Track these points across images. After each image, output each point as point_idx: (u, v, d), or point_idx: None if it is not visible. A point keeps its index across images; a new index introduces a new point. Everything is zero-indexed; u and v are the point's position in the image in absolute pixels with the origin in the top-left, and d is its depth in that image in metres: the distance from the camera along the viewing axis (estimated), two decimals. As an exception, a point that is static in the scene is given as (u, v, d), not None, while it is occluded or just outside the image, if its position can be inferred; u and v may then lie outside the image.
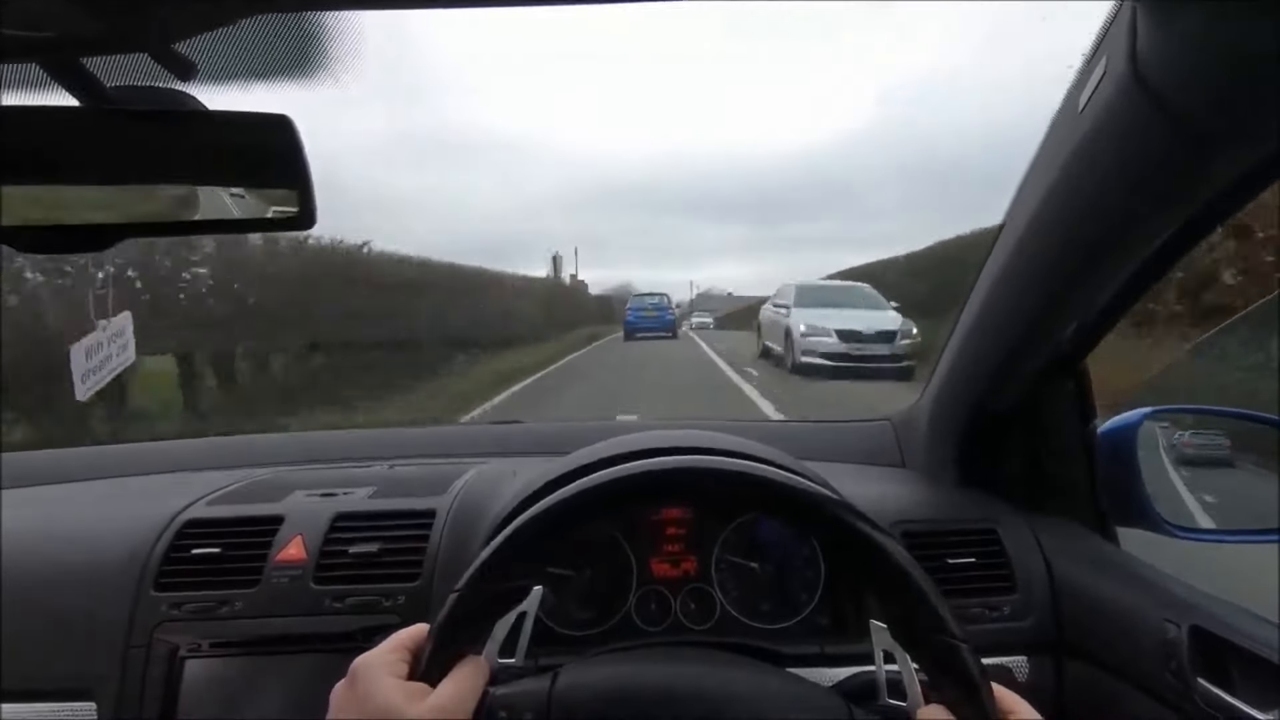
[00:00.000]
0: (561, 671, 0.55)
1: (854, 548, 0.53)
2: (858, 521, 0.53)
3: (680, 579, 0.91)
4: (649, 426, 1.19)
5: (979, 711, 0.48)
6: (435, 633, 0.51)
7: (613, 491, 0.55)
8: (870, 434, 1.26)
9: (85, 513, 1.03)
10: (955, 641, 0.50)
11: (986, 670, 0.49)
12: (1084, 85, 0.61)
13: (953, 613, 0.51)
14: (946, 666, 0.50)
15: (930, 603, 0.51)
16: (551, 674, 0.55)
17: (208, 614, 0.85)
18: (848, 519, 0.53)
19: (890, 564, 0.52)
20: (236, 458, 1.25)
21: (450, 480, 1.01)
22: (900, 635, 0.53)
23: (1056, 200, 0.70)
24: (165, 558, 0.89)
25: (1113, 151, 0.61)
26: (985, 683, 0.49)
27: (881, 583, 0.53)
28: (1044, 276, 0.78)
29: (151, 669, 0.82)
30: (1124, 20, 0.54)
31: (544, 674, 0.56)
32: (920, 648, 0.52)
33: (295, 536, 0.90)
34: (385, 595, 0.86)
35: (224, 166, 0.56)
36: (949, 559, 0.92)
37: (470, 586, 0.52)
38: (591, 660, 0.58)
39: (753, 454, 0.82)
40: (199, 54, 0.51)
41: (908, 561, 0.52)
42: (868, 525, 0.53)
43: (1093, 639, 0.86)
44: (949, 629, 0.50)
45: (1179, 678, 0.71)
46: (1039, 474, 1.03)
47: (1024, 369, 0.92)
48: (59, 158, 0.52)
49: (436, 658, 0.51)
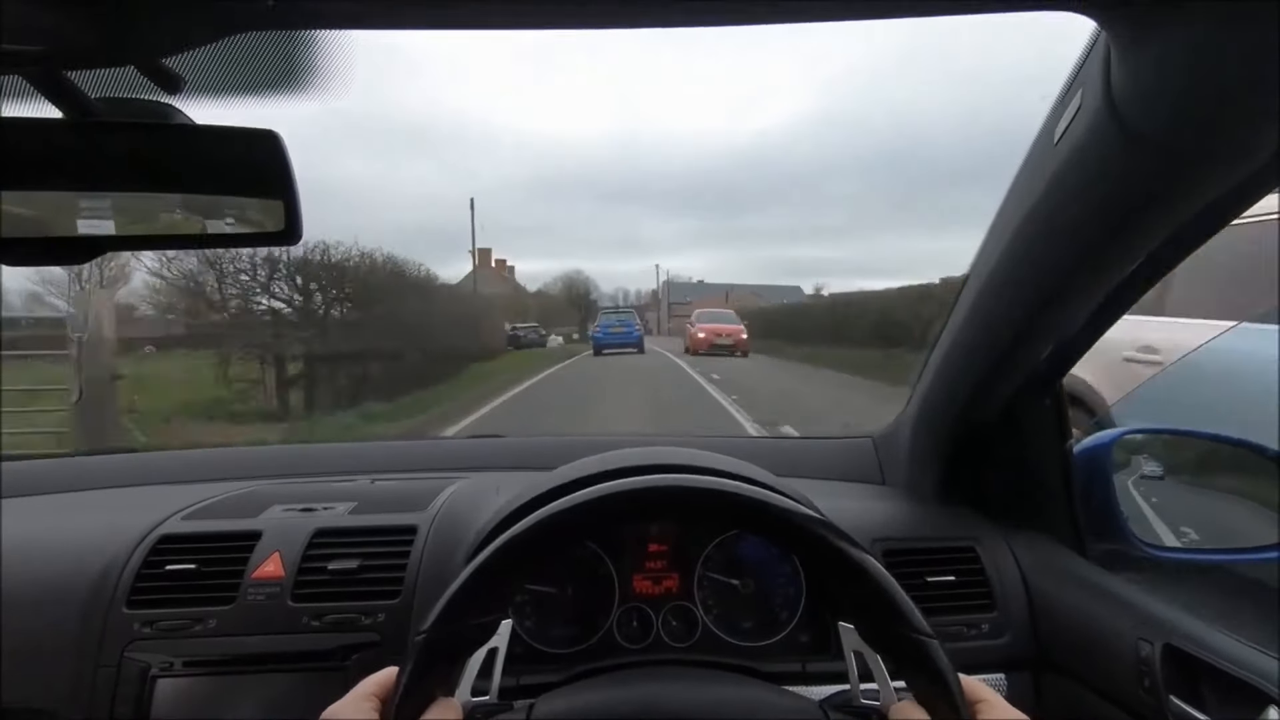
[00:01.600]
0: (536, 705, 0.54)
1: (833, 564, 0.54)
2: (837, 540, 0.54)
3: (662, 596, 0.91)
4: (632, 442, 1.19)
5: (950, 703, 0.50)
6: (404, 678, 0.50)
7: (591, 511, 0.55)
8: (851, 451, 1.27)
9: (56, 526, 1.01)
10: (922, 637, 0.51)
11: (953, 663, 0.51)
12: (1060, 116, 0.63)
13: (918, 610, 0.52)
14: (916, 662, 0.51)
15: (895, 600, 0.52)
16: (526, 708, 0.54)
17: (181, 632, 0.83)
18: (828, 537, 0.54)
19: (860, 571, 0.53)
20: (214, 470, 1.23)
21: (431, 496, 1.01)
22: (869, 636, 0.55)
23: (1033, 227, 0.72)
24: (138, 574, 0.87)
25: (1088, 180, 0.63)
26: (954, 675, 0.51)
27: (853, 590, 0.54)
28: (1021, 299, 0.80)
29: (121, 689, 0.81)
30: (1099, 53, 0.56)
31: (517, 710, 0.54)
32: (889, 646, 0.53)
33: (273, 553, 0.88)
34: (365, 613, 0.85)
35: (211, 180, 0.55)
36: (928, 576, 0.92)
37: (437, 627, 0.51)
38: (565, 691, 0.57)
39: (734, 472, 0.82)
40: (186, 68, 0.51)
41: (873, 567, 0.53)
42: (847, 543, 0.54)
43: (1070, 656, 0.87)
44: (915, 625, 0.52)
45: (1153, 695, 0.72)
46: (1017, 492, 1.04)
47: (1002, 388, 0.93)
48: (44, 170, 0.52)
49: (406, 704, 0.49)
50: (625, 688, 0.57)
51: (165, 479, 1.20)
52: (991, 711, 0.51)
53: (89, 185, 0.54)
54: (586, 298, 61.96)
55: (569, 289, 62.84)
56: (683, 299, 66.41)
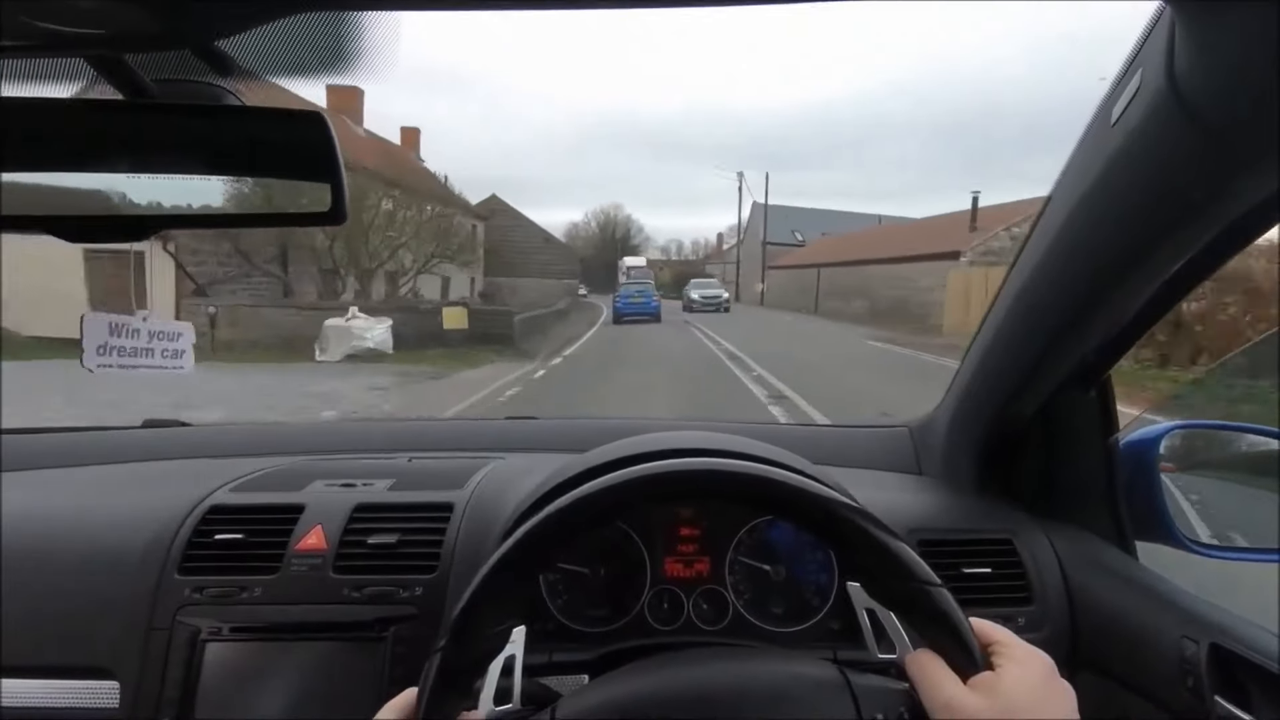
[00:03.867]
0: (558, 706, 0.55)
1: (867, 553, 0.54)
2: (874, 529, 0.53)
3: (693, 580, 0.92)
4: (665, 426, 1.19)
5: (962, 646, 0.51)
6: (424, 698, 0.50)
7: (621, 495, 0.55)
8: (887, 440, 1.26)
9: (113, 495, 1.05)
10: (929, 586, 0.52)
11: (961, 608, 0.52)
12: (1117, 98, 0.60)
13: (922, 561, 0.53)
14: (926, 613, 0.52)
15: (899, 556, 0.53)
16: (549, 711, 0.54)
17: (229, 599, 0.86)
18: (866, 526, 0.54)
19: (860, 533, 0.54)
20: (258, 446, 1.26)
21: (468, 475, 1.02)
22: (878, 594, 0.56)
23: (1086, 213, 0.70)
24: (189, 542, 0.90)
25: (1146, 164, 0.61)
26: (964, 621, 0.51)
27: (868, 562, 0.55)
28: (1072, 289, 0.78)
29: (173, 651, 0.84)
30: (1161, 33, 0.53)
31: (541, 710, 0.55)
32: (898, 601, 0.54)
33: (315, 526, 0.91)
34: (402, 586, 0.88)
35: (260, 160, 0.57)
36: (965, 568, 0.91)
37: (452, 641, 0.51)
38: (586, 690, 0.57)
39: (770, 458, 0.82)
40: (237, 50, 0.52)
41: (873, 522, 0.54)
42: (885, 533, 0.53)
43: (1108, 653, 0.85)
44: (920, 575, 0.52)
45: (1197, 695, 0.70)
46: (1058, 485, 1.02)
47: (1047, 381, 0.91)
48: (102, 150, 0.53)
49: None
50: (644, 678, 0.57)
51: (213, 453, 1.24)
52: (1006, 652, 0.52)
53: (144, 164, 0.55)
54: (626, 241, 51.27)
55: (605, 228, 52.10)
56: (790, 238, 43.57)
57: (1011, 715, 0.48)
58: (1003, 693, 0.49)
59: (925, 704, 0.50)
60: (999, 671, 0.50)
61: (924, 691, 0.50)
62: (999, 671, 0.50)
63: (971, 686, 0.49)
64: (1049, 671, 0.52)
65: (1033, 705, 0.49)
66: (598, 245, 50.35)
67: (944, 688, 0.49)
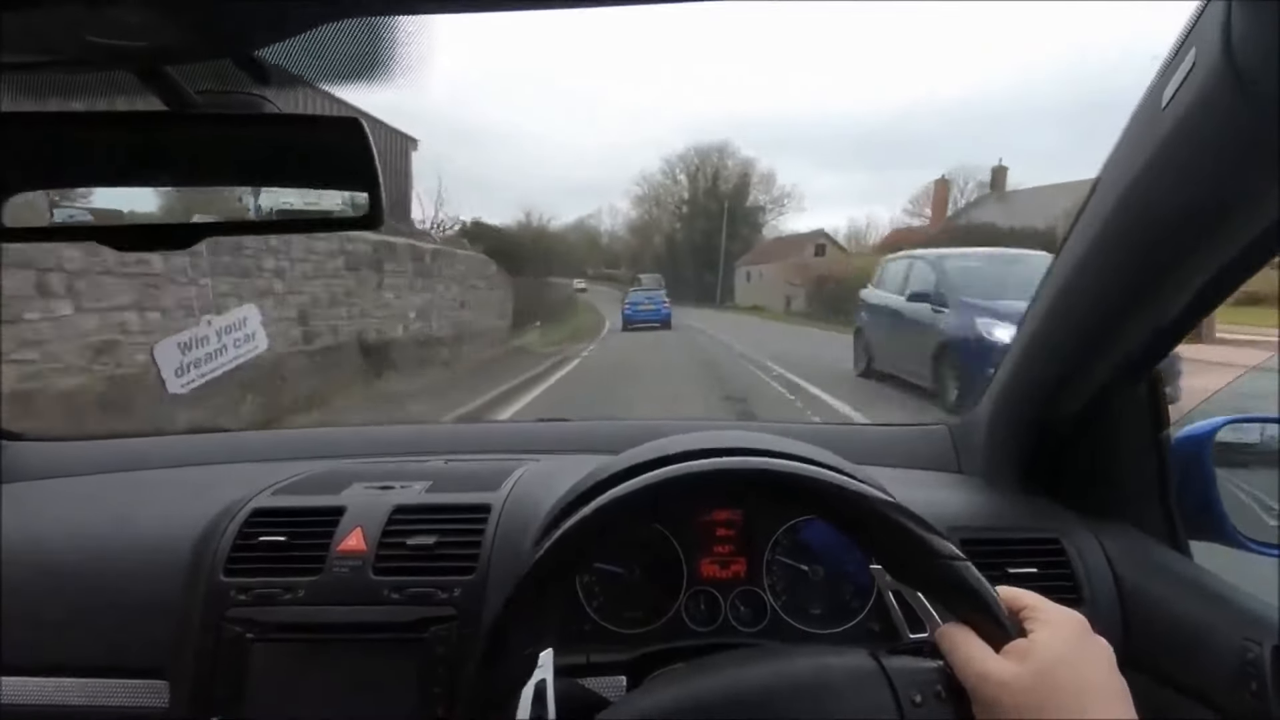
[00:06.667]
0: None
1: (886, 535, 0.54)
2: (891, 511, 0.54)
3: (730, 580, 0.91)
4: (698, 427, 1.18)
5: (992, 616, 0.51)
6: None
7: (656, 494, 0.55)
8: (926, 439, 1.23)
9: (159, 499, 1.08)
10: (951, 561, 0.52)
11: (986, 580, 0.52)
12: (1169, 79, 0.58)
13: (940, 537, 0.53)
14: (953, 588, 0.52)
15: (914, 532, 0.53)
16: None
17: (273, 600, 0.88)
18: (881, 509, 0.54)
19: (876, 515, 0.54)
20: (297, 450, 1.29)
21: (503, 476, 1.03)
22: (903, 576, 0.56)
23: (1136, 199, 0.68)
24: (234, 544, 0.92)
25: (1201, 148, 0.58)
26: (990, 591, 0.51)
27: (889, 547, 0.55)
28: (1120, 279, 0.75)
29: (222, 651, 0.86)
30: (1215, 12, 0.51)
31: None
32: (924, 580, 0.54)
33: (355, 528, 0.92)
34: (441, 587, 0.88)
35: (299, 168, 0.58)
36: (1010, 568, 0.89)
37: (483, 666, 0.52)
38: (619, 704, 0.57)
39: (809, 456, 0.81)
40: (275, 59, 0.53)
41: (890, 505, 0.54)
42: (902, 515, 0.54)
43: (1162, 655, 0.82)
44: (941, 551, 0.52)
45: (1260, 699, 0.68)
46: (1106, 482, 0.99)
47: (1094, 375, 0.88)
48: (148, 160, 0.55)
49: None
50: (679, 688, 0.56)
51: (254, 457, 1.26)
52: (1037, 615, 0.51)
53: (188, 174, 0.57)
54: (738, 201, 38.16)
55: (698, 170, 37.75)
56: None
57: (1048, 678, 0.47)
58: (1037, 656, 0.48)
59: (960, 678, 0.50)
60: (1031, 637, 0.50)
61: (958, 666, 0.50)
62: (1031, 637, 0.50)
63: (1005, 654, 0.49)
64: (1082, 629, 0.51)
65: (1068, 665, 0.48)
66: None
67: (977, 659, 0.49)
